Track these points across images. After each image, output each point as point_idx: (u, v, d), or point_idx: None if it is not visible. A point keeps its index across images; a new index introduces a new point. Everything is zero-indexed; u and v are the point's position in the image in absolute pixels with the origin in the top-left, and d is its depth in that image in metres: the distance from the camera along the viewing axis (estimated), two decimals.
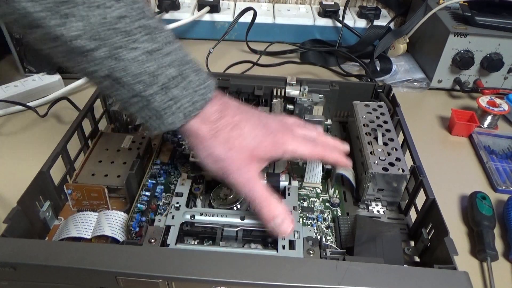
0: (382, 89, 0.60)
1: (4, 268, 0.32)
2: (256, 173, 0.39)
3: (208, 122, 0.37)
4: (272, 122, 0.42)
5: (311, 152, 0.43)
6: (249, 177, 0.39)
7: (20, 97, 0.66)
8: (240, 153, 0.38)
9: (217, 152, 0.38)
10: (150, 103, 0.35)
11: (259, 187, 0.39)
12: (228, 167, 0.38)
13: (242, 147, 0.38)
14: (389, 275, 0.32)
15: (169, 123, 0.36)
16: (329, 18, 0.89)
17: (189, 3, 0.92)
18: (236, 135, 0.38)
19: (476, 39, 0.70)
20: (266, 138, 0.40)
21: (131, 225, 0.42)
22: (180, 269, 0.32)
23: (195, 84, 0.36)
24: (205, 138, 0.38)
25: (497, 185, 0.56)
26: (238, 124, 0.39)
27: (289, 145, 0.41)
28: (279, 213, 0.38)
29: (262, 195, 0.39)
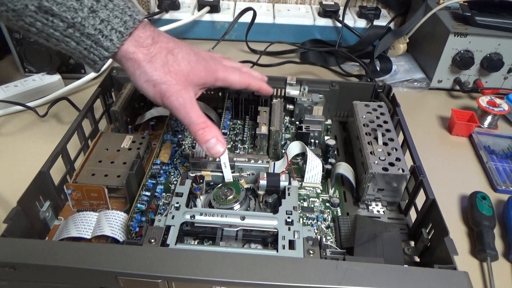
0: (382, 89, 0.60)
1: (4, 268, 0.32)
2: (192, 98, 0.42)
3: (142, 46, 0.40)
4: (202, 52, 0.45)
5: (240, 79, 0.47)
6: (185, 101, 0.41)
7: (20, 97, 0.66)
8: (177, 77, 0.41)
9: (155, 76, 0.40)
10: (84, 30, 0.37)
11: (195, 111, 0.41)
12: (166, 91, 0.40)
13: (178, 71, 0.41)
14: (389, 275, 0.32)
15: (107, 47, 0.38)
16: (329, 18, 0.89)
17: (189, 3, 0.92)
18: (171, 60, 0.41)
19: (476, 39, 0.70)
20: (199, 64, 0.43)
21: (131, 225, 0.42)
22: (180, 269, 0.32)
23: (121, 6, 0.38)
24: (142, 62, 0.39)
25: (497, 185, 0.56)
26: (172, 50, 0.41)
27: (220, 72, 0.45)
28: (211, 137, 0.41)
29: (196, 119, 0.41)
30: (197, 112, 0.41)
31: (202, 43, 0.88)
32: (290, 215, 0.41)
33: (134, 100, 0.59)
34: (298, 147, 0.53)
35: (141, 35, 0.40)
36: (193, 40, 0.90)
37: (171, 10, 0.87)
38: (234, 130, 0.59)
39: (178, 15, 0.87)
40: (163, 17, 0.87)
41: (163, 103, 0.41)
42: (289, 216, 0.41)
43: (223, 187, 0.46)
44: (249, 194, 0.48)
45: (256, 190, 0.47)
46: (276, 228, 0.40)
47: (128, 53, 0.39)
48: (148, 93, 0.41)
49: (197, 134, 0.41)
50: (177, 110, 0.41)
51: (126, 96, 0.56)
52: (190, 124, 0.41)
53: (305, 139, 0.55)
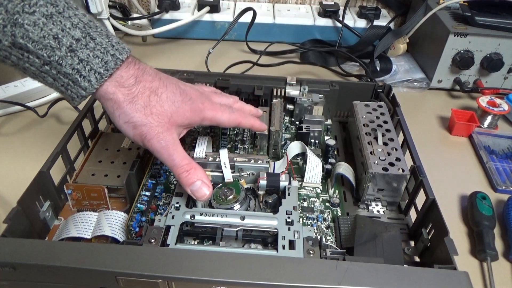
0: (382, 89, 0.60)
1: (4, 268, 0.32)
2: (175, 139, 0.40)
3: (123, 86, 0.37)
4: (190, 90, 0.43)
5: (229, 118, 0.44)
6: (167, 143, 0.39)
7: (20, 97, 0.66)
8: (159, 119, 0.39)
9: (135, 118, 0.38)
10: (61, 68, 0.35)
11: (177, 153, 0.39)
12: (147, 133, 0.38)
13: (160, 113, 0.39)
14: (389, 275, 0.32)
15: (85, 87, 0.36)
16: (329, 18, 0.89)
17: (189, 3, 0.92)
18: (154, 101, 0.39)
19: (476, 39, 0.70)
20: (184, 105, 0.41)
21: (131, 225, 0.42)
22: (180, 269, 0.32)
23: (105, 45, 0.36)
24: (122, 103, 0.37)
25: (497, 185, 0.56)
26: (155, 90, 0.39)
27: (207, 112, 0.43)
28: (196, 179, 0.40)
29: (180, 162, 0.39)
30: (180, 154, 0.40)
31: (202, 43, 0.88)
32: (290, 215, 0.41)
33: None
34: (298, 147, 0.53)
35: (123, 75, 0.37)
36: (193, 40, 0.90)
37: (171, 10, 0.87)
38: (234, 130, 0.59)
39: (178, 15, 0.87)
40: (163, 17, 0.87)
41: (144, 145, 0.39)
42: (289, 216, 0.41)
43: (223, 187, 0.46)
44: (249, 194, 0.48)
45: (256, 190, 0.47)
46: (276, 228, 0.40)
47: (108, 94, 0.37)
48: (128, 135, 0.39)
49: (181, 177, 0.39)
50: (159, 153, 0.39)
51: None
52: (173, 166, 0.39)
53: (305, 139, 0.55)
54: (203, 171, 0.41)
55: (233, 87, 0.58)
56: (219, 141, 0.53)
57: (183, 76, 0.59)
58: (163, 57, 0.84)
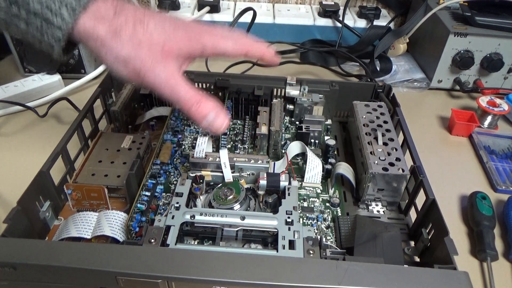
0: (382, 89, 0.60)
1: (4, 268, 0.32)
2: (175, 70, 0.36)
3: (103, 19, 0.33)
4: (182, 19, 0.39)
5: (234, 46, 0.39)
6: (167, 75, 0.35)
7: (20, 97, 0.66)
8: (150, 49, 0.34)
9: (124, 51, 0.34)
10: (29, 6, 0.32)
11: (182, 85, 0.35)
12: (141, 67, 0.34)
13: (151, 42, 0.34)
14: (389, 275, 0.32)
15: (59, 25, 0.32)
16: (329, 18, 0.89)
17: (189, 3, 0.92)
18: (140, 30, 0.34)
19: (476, 39, 0.70)
20: (177, 31, 0.36)
21: (131, 225, 0.42)
22: (180, 269, 0.32)
23: None
24: (105, 38, 0.33)
25: (497, 185, 0.56)
26: (141, 19, 0.35)
27: (207, 38, 0.37)
28: (210, 109, 0.36)
29: (186, 94, 0.35)
30: (185, 86, 0.35)
31: None
32: (290, 215, 0.41)
33: (134, 100, 0.59)
34: (298, 147, 0.53)
35: (100, 6, 0.33)
36: None
37: (171, 10, 0.87)
38: (234, 130, 0.59)
39: (178, 15, 0.87)
40: None
41: (142, 83, 0.35)
42: (289, 216, 0.41)
43: (223, 187, 0.46)
44: (249, 194, 0.48)
45: (256, 190, 0.47)
46: (276, 228, 0.40)
47: (87, 30, 0.33)
48: (121, 73, 0.35)
49: (191, 112, 0.35)
50: (160, 88, 0.35)
51: (126, 96, 0.56)
52: (179, 101, 0.35)
53: (305, 139, 0.55)
54: (214, 100, 0.36)
55: (233, 87, 0.58)
56: (219, 141, 0.53)
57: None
58: None
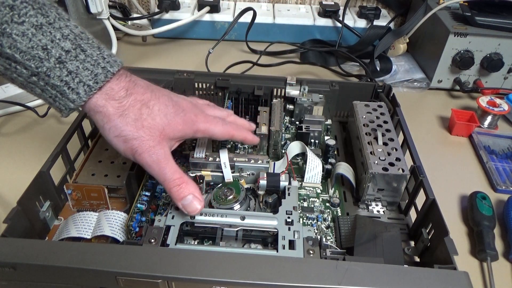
0: (382, 89, 0.60)
1: (4, 268, 0.32)
2: (166, 153, 0.39)
3: (114, 99, 0.37)
4: (183, 102, 0.42)
5: (222, 131, 0.43)
6: (159, 158, 0.38)
7: (20, 97, 0.66)
8: (150, 132, 0.38)
9: (126, 131, 0.37)
10: (49, 80, 0.34)
11: (169, 167, 0.38)
12: (138, 147, 0.37)
13: (152, 126, 0.38)
14: (389, 275, 0.32)
15: (73, 99, 0.35)
16: (329, 18, 0.89)
17: (189, 3, 0.92)
18: (145, 114, 0.38)
19: (476, 39, 0.70)
20: (176, 117, 0.40)
21: (131, 225, 0.42)
22: (180, 269, 0.32)
23: (95, 58, 0.35)
24: (112, 117, 0.37)
25: (497, 185, 0.56)
26: (147, 103, 0.38)
27: (200, 124, 0.42)
28: (187, 193, 0.39)
29: (171, 176, 0.38)
30: (171, 168, 0.39)
31: (202, 43, 0.88)
32: (290, 215, 0.41)
33: None
34: (298, 147, 0.53)
35: (113, 87, 0.37)
36: (193, 40, 0.90)
37: (171, 10, 0.87)
38: None
39: (178, 15, 0.87)
40: (163, 17, 0.87)
41: (135, 160, 0.38)
42: (289, 216, 0.41)
43: (223, 187, 0.46)
44: (249, 194, 0.48)
45: (256, 190, 0.47)
46: (276, 228, 0.40)
47: (98, 107, 0.36)
48: (118, 149, 0.38)
49: (172, 192, 0.38)
50: (150, 167, 0.38)
51: None
52: (164, 181, 0.38)
53: (305, 139, 0.55)
54: (195, 185, 0.40)
55: (233, 87, 0.58)
56: (219, 141, 0.53)
57: (183, 76, 0.59)
58: (163, 57, 0.84)
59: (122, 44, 0.88)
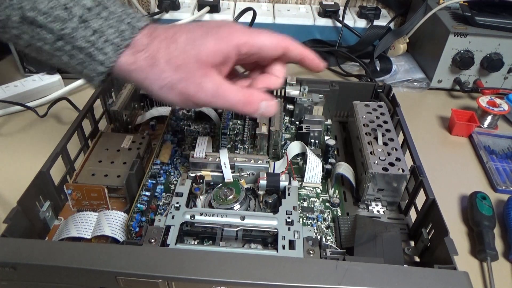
0: (382, 89, 0.60)
1: (4, 268, 0.32)
2: (219, 79, 0.36)
3: (140, 51, 0.34)
4: (214, 22, 0.38)
5: (271, 40, 0.38)
6: (213, 89, 0.35)
7: (20, 97, 0.66)
8: (188, 67, 0.34)
9: (166, 79, 0.34)
10: (75, 42, 0.33)
11: (229, 92, 0.36)
12: (187, 89, 0.35)
13: (186, 60, 0.34)
14: (389, 275, 0.32)
15: (102, 61, 0.33)
16: (329, 18, 0.89)
17: (189, 3, 0.91)
18: (174, 50, 0.34)
19: (476, 39, 0.70)
20: (207, 38, 0.35)
21: (131, 225, 0.42)
22: (180, 269, 0.32)
23: (118, 14, 0.34)
24: (146, 69, 0.34)
25: (497, 185, 0.56)
26: (172, 37, 0.35)
27: (239, 36, 0.36)
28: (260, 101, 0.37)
29: (234, 99, 0.36)
30: (232, 92, 0.35)
31: None
32: (290, 215, 0.41)
33: (134, 100, 0.59)
34: (298, 147, 0.53)
35: (138, 40, 0.34)
36: None
37: (171, 10, 0.87)
38: (234, 130, 0.59)
39: (178, 15, 0.87)
40: (163, 17, 0.87)
41: (194, 104, 0.36)
42: (289, 216, 0.41)
43: (223, 187, 0.46)
44: (249, 194, 0.48)
45: (256, 190, 0.47)
46: (276, 228, 0.40)
47: (129, 65, 0.34)
48: (170, 99, 0.35)
49: (245, 111, 0.36)
50: (211, 103, 0.35)
51: (126, 96, 0.56)
52: (232, 107, 0.36)
53: (305, 139, 0.55)
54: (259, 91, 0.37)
55: None
56: (219, 141, 0.53)
57: None
58: None
59: None
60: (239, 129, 0.59)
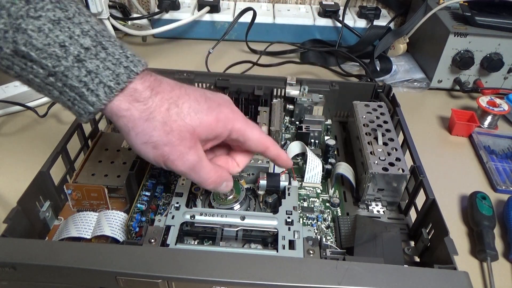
0: (382, 89, 0.60)
1: (4, 268, 0.32)
2: (200, 156, 0.36)
3: (138, 101, 0.33)
4: (217, 97, 0.38)
5: (259, 137, 0.39)
6: (193, 163, 0.35)
7: (20, 97, 0.66)
8: (180, 135, 0.34)
9: (155, 137, 0.33)
10: (67, 81, 0.31)
11: (203, 170, 0.36)
12: (169, 154, 0.34)
13: (182, 128, 0.34)
14: (389, 275, 0.32)
15: (92, 102, 0.32)
16: (329, 18, 0.89)
17: (189, 3, 0.92)
18: (174, 114, 0.34)
19: (476, 39, 0.70)
20: (210, 114, 0.36)
21: (131, 225, 0.42)
22: (180, 269, 0.32)
23: (117, 56, 0.32)
24: (138, 121, 0.33)
25: (497, 185, 0.56)
26: (176, 101, 0.34)
27: (238, 123, 0.37)
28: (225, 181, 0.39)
29: (209, 177, 0.37)
30: (207, 170, 0.36)
31: (202, 43, 0.88)
32: (290, 215, 0.41)
33: None
34: (298, 147, 0.53)
35: (137, 88, 0.33)
36: (193, 40, 0.90)
37: (171, 10, 0.87)
38: None
39: (178, 15, 0.87)
40: (163, 17, 0.87)
41: (167, 167, 0.35)
42: (289, 216, 0.41)
43: None
44: (249, 194, 0.48)
45: (256, 190, 0.47)
46: (276, 228, 0.40)
47: (121, 110, 0.33)
48: (147, 156, 0.35)
49: (207, 187, 0.38)
50: (185, 174, 0.36)
51: None
52: (201, 183, 0.37)
53: (305, 139, 0.55)
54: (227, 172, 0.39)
55: (233, 87, 0.58)
56: None
57: (183, 76, 0.59)
58: (163, 57, 0.84)
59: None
60: None
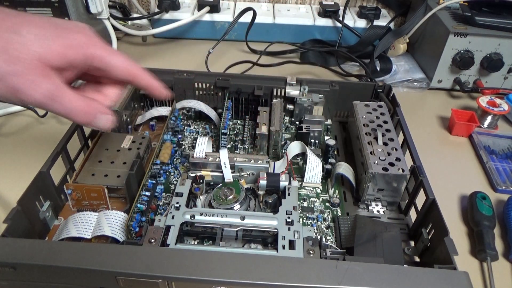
0: (382, 89, 0.60)
1: (4, 268, 0.32)
2: (57, 83, 0.32)
3: None
4: (70, 24, 0.35)
5: (124, 64, 0.36)
6: (49, 90, 0.32)
7: None
8: (26, 63, 0.31)
9: None
10: None
11: (68, 97, 0.33)
12: (18, 84, 0.31)
13: (26, 56, 0.31)
14: (389, 275, 0.32)
15: None
16: (329, 18, 0.89)
17: (189, 3, 0.92)
18: (17, 42, 0.31)
19: (476, 39, 0.70)
20: (58, 39, 0.33)
21: (131, 225, 0.42)
22: (180, 269, 0.32)
23: None
24: None
25: (497, 185, 0.56)
26: (18, 29, 0.31)
27: (94, 49, 0.34)
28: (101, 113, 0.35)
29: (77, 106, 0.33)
30: (71, 98, 0.33)
31: (202, 43, 0.88)
32: (290, 215, 0.41)
33: (134, 100, 0.59)
34: (298, 147, 0.53)
35: None
36: (193, 40, 0.90)
37: (171, 10, 0.87)
38: (234, 130, 0.59)
39: (178, 15, 0.87)
40: (163, 17, 0.87)
41: (22, 102, 0.32)
42: (289, 216, 0.41)
43: (223, 187, 0.46)
44: (249, 194, 0.48)
45: (256, 190, 0.47)
46: (276, 228, 0.40)
47: None
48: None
49: (81, 121, 0.34)
50: (44, 104, 0.32)
51: (126, 96, 0.56)
52: (67, 114, 0.33)
53: (305, 139, 0.55)
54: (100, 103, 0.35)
55: (233, 87, 0.58)
56: (219, 141, 0.53)
57: (183, 76, 0.59)
58: (163, 57, 0.85)
59: (122, 44, 0.88)
60: (239, 129, 0.59)
